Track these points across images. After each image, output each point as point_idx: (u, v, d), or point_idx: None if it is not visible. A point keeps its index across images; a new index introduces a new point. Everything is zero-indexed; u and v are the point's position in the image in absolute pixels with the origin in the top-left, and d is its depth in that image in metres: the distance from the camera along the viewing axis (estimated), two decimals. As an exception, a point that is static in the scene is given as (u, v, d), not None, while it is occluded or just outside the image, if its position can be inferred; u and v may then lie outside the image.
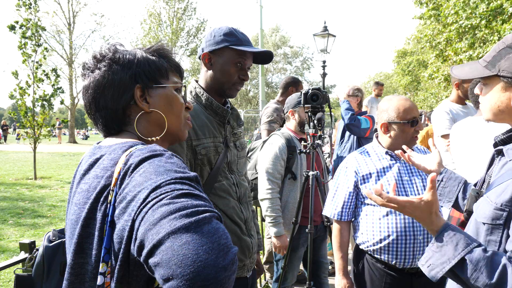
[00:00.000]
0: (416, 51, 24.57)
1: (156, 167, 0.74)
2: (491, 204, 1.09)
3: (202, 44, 1.66)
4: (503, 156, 1.19)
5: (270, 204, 2.49)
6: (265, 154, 2.59)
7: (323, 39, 10.21)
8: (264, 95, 13.48)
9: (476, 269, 0.99)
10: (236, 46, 1.56)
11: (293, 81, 3.60)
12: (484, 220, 1.11)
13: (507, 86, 1.11)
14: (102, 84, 0.92)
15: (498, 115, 1.18)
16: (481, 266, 0.99)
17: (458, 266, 1.01)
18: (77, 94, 27.87)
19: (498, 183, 1.13)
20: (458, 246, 1.02)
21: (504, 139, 1.19)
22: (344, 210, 2.00)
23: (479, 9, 10.02)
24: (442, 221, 1.10)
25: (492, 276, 0.97)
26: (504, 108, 1.14)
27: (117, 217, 0.74)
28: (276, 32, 34.15)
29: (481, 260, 0.99)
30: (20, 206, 6.60)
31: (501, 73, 1.10)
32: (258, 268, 1.93)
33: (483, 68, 1.16)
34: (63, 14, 26.42)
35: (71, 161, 13.93)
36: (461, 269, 1.01)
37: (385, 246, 1.86)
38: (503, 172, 1.15)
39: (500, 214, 1.06)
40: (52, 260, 1.07)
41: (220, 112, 1.63)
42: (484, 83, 1.19)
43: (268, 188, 2.50)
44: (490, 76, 1.14)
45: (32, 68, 9.43)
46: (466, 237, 1.05)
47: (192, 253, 0.60)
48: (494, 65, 1.13)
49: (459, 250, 1.02)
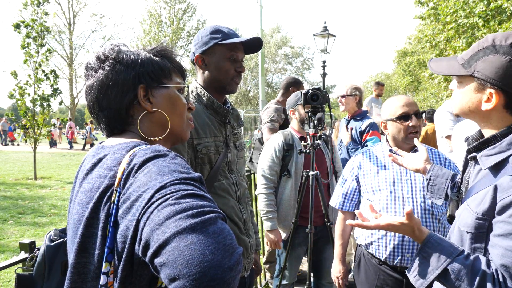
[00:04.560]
0: (416, 51, 24.56)
1: (160, 167, 0.74)
2: (472, 214, 1.11)
3: (192, 48, 1.68)
4: (477, 164, 1.18)
5: (263, 199, 2.58)
6: (263, 151, 2.68)
7: (323, 39, 10.22)
8: (264, 95, 13.48)
9: (458, 278, 1.05)
10: (225, 41, 1.58)
11: (294, 81, 3.59)
12: (467, 229, 1.13)
13: (480, 88, 1.10)
14: (106, 84, 0.92)
15: (467, 114, 1.18)
16: (462, 274, 1.04)
17: (441, 276, 1.08)
18: (77, 94, 27.94)
19: (476, 190, 1.14)
20: (440, 257, 1.09)
21: (477, 145, 1.16)
22: (346, 201, 2.10)
23: (477, 8, 10.02)
24: (425, 234, 1.17)
25: (473, 283, 1.02)
26: (474, 109, 1.14)
27: (121, 217, 0.74)
28: (277, 32, 34.13)
29: (462, 269, 1.05)
30: (20, 206, 6.61)
31: (476, 74, 1.09)
32: (256, 267, 1.94)
33: (459, 66, 1.15)
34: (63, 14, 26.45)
35: (71, 161, 13.93)
36: (444, 278, 1.08)
37: (375, 241, 1.91)
38: (479, 179, 1.16)
39: (482, 224, 1.09)
40: (53, 259, 1.07)
41: (221, 111, 1.64)
42: (459, 80, 1.19)
43: (262, 184, 2.59)
44: (465, 75, 1.13)
45: (33, 68, 9.44)
46: (448, 246, 1.11)
47: (198, 254, 0.60)
48: (470, 65, 1.11)
49: (442, 261, 1.08)
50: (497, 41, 1.07)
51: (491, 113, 1.11)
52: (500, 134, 1.10)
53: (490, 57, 1.06)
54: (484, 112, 1.11)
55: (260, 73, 13.45)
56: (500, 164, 1.08)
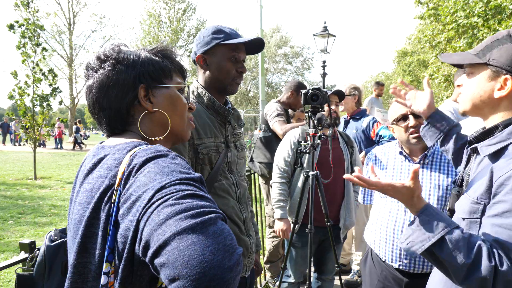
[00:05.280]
0: (416, 51, 24.56)
1: (160, 167, 0.74)
2: (469, 199, 1.12)
3: (194, 48, 1.68)
4: (478, 154, 1.20)
5: (276, 187, 2.66)
6: (281, 143, 2.79)
7: (323, 39, 10.21)
8: (264, 95, 13.48)
9: (455, 249, 1.01)
10: (226, 41, 1.58)
11: (297, 86, 3.53)
12: (463, 215, 1.14)
13: (494, 75, 1.13)
14: (106, 84, 0.92)
15: (477, 106, 1.19)
16: (460, 246, 1.01)
17: (437, 245, 1.04)
18: (77, 94, 27.95)
19: (476, 180, 1.15)
20: (438, 226, 1.06)
21: (478, 136, 1.20)
22: (364, 196, 2.29)
23: (477, 7, 10.02)
24: (423, 203, 1.13)
25: (470, 256, 1.00)
26: (486, 99, 1.16)
27: (121, 217, 0.74)
28: (277, 32, 34.14)
29: (460, 240, 1.02)
30: (20, 206, 6.61)
31: (491, 62, 1.13)
32: (257, 268, 1.94)
33: (473, 56, 1.18)
34: (63, 15, 26.46)
35: (71, 161, 13.93)
36: (439, 248, 1.04)
37: (377, 243, 1.95)
38: (480, 169, 1.17)
39: (476, 208, 1.09)
40: (53, 259, 1.07)
41: (221, 112, 1.64)
42: (470, 71, 1.21)
43: (276, 173, 2.68)
44: (478, 64, 1.16)
45: (31, 68, 9.43)
46: (446, 218, 1.09)
47: (198, 254, 0.60)
48: (484, 54, 1.15)
49: (439, 230, 1.05)
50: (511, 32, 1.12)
51: (501, 101, 1.14)
52: (501, 125, 1.13)
53: (506, 45, 1.11)
54: (496, 100, 1.14)
55: (260, 73, 13.45)
56: (500, 152, 1.10)
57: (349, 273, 3.84)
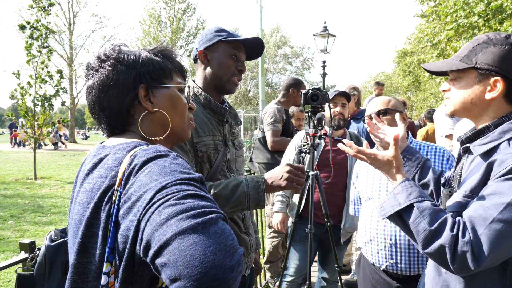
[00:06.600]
0: (416, 51, 24.54)
1: (161, 167, 0.74)
2: (461, 194, 1.15)
3: (196, 45, 1.71)
4: (470, 154, 1.23)
5: None
6: (288, 145, 2.90)
7: (323, 39, 10.22)
8: (264, 95, 13.48)
9: (420, 215, 1.08)
10: (229, 38, 1.62)
11: (294, 82, 3.59)
12: (451, 209, 1.16)
13: (482, 78, 1.16)
14: (106, 84, 0.92)
15: (467, 108, 1.22)
16: (425, 214, 1.08)
17: (405, 210, 1.12)
18: (77, 94, 27.94)
19: (469, 178, 1.17)
20: (411, 195, 1.13)
21: (470, 136, 1.22)
22: (355, 207, 2.26)
23: (477, 8, 10.01)
24: (403, 176, 1.21)
25: (433, 224, 1.06)
26: (477, 101, 1.19)
27: (122, 217, 0.74)
28: (277, 32, 34.12)
29: (427, 209, 1.09)
30: (20, 206, 6.61)
31: (478, 65, 1.16)
32: (256, 266, 1.95)
33: (459, 62, 1.21)
34: (63, 15, 26.46)
35: (71, 161, 13.94)
36: (407, 213, 1.11)
37: (364, 245, 1.97)
38: (472, 168, 1.19)
39: (467, 201, 1.11)
40: (54, 259, 1.07)
41: (218, 110, 1.65)
42: (458, 76, 1.23)
43: None
44: (465, 69, 1.19)
45: (35, 68, 9.45)
46: (422, 192, 1.15)
47: (200, 254, 0.60)
48: (470, 59, 1.18)
49: (411, 198, 1.13)
50: (491, 36, 1.17)
51: (491, 102, 1.17)
52: (492, 125, 1.17)
53: (490, 48, 1.15)
54: (486, 102, 1.17)
55: (260, 73, 13.45)
56: (491, 151, 1.14)
57: (349, 273, 3.84)
